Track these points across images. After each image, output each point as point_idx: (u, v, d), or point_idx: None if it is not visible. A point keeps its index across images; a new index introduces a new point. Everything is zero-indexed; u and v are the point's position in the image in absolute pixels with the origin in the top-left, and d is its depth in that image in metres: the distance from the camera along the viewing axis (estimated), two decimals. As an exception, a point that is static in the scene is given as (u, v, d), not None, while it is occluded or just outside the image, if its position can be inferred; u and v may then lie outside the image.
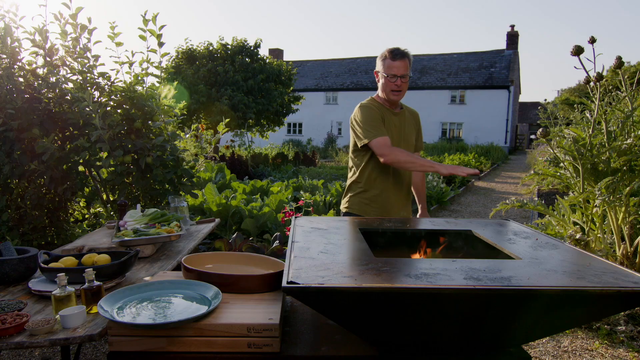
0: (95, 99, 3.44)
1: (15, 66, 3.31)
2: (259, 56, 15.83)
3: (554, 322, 1.27)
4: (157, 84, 3.72)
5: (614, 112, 3.56)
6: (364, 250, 1.45)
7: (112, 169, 3.40)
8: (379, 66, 2.42)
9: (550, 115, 4.50)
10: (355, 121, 2.42)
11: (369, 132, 2.31)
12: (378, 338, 1.30)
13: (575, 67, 3.11)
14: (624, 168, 3.40)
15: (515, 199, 3.81)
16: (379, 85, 2.45)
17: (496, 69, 29.03)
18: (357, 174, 2.51)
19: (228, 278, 1.52)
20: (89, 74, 3.43)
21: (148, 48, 3.55)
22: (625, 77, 3.42)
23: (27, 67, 3.37)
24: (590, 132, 3.38)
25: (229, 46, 15.49)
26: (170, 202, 2.90)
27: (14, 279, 1.84)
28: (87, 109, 3.23)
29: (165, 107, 3.69)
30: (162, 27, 3.51)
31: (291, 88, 16.50)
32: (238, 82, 14.42)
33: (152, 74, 3.67)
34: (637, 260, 3.42)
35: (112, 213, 3.69)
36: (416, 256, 1.77)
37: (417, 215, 2.62)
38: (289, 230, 2.68)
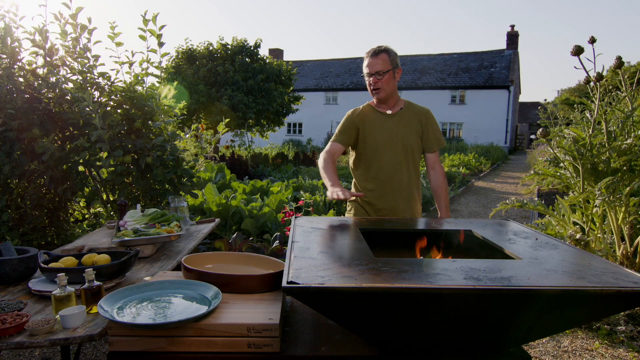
0: (95, 99, 3.44)
1: (15, 66, 3.31)
2: (259, 56, 15.83)
3: (554, 322, 1.27)
4: (157, 84, 3.72)
5: (614, 112, 3.56)
6: (364, 250, 1.45)
7: (112, 169, 3.40)
8: (363, 69, 2.47)
9: (550, 115, 4.50)
10: None
11: (335, 136, 2.50)
12: (378, 338, 1.30)
13: (575, 67, 3.11)
14: (624, 168, 3.40)
15: (515, 199, 3.81)
16: (367, 88, 2.49)
17: (496, 69, 29.03)
18: (354, 176, 2.58)
19: (228, 278, 1.52)
20: (89, 74, 3.43)
21: (148, 48, 3.55)
22: (625, 77, 3.42)
23: (27, 67, 3.37)
24: (590, 132, 3.38)
25: (229, 46, 15.49)
26: (170, 202, 2.90)
27: (14, 279, 1.84)
28: (87, 109, 3.23)
29: (165, 107, 3.69)
30: (162, 27, 3.51)
31: (291, 88, 16.50)
32: (238, 82, 14.42)
33: (152, 74, 3.67)
34: (637, 260, 3.42)
35: (112, 213, 3.69)
36: (416, 256, 1.77)
37: None
38: (289, 230, 2.68)
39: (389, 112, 2.46)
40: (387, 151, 2.42)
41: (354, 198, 2.54)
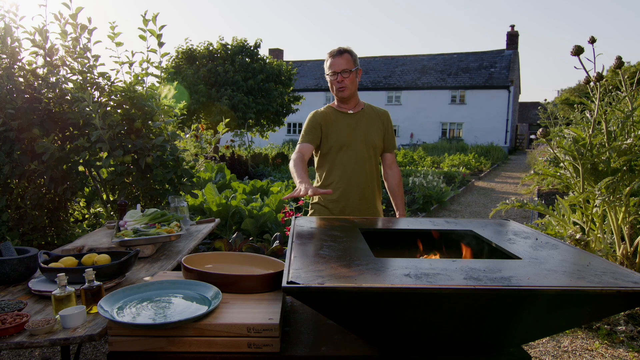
0: (95, 99, 3.44)
1: (15, 66, 3.31)
2: (259, 56, 15.83)
3: (554, 322, 1.27)
4: (157, 84, 3.72)
5: (614, 112, 3.56)
6: (364, 250, 1.45)
7: (112, 169, 3.40)
8: (325, 70, 2.49)
9: (550, 115, 4.50)
10: None
11: (302, 137, 2.49)
12: (378, 338, 1.31)
13: (575, 67, 3.11)
14: (624, 168, 3.39)
15: (515, 199, 3.81)
16: (330, 88, 2.52)
17: (496, 69, 29.04)
18: (317, 176, 2.57)
19: (228, 278, 1.52)
20: (89, 74, 3.43)
21: (148, 48, 3.55)
22: (625, 77, 3.42)
23: (27, 67, 3.37)
24: (590, 132, 3.38)
25: (229, 46, 15.49)
26: (170, 202, 2.90)
27: (14, 279, 1.84)
28: (87, 109, 3.23)
29: (165, 107, 3.69)
30: (162, 27, 3.51)
31: (291, 88, 16.50)
32: (238, 82, 14.42)
33: (152, 74, 3.67)
34: (637, 260, 3.42)
35: (112, 213, 3.69)
36: (416, 256, 1.77)
37: None
38: (289, 230, 2.68)
39: (350, 111, 2.50)
40: (351, 148, 2.45)
41: (315, 200, 2.57)
